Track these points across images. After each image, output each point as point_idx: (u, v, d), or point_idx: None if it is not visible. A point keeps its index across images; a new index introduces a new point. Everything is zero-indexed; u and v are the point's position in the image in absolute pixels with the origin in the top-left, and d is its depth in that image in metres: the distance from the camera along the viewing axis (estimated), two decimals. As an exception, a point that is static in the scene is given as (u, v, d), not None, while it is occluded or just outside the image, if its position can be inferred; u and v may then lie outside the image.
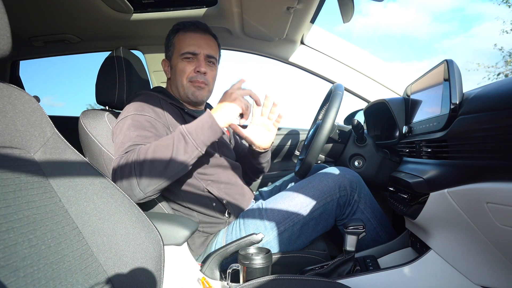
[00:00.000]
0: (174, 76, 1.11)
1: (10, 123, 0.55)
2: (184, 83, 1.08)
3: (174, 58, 1.10)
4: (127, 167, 0.83)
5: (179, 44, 1.08)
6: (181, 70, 1.07)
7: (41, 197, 0.56)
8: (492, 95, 0.62)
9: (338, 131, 1.23)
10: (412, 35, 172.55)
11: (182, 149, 0.84)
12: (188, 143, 0.85)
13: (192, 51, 1.06)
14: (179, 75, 1.08)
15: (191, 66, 1.07)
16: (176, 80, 1.10)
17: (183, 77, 1.08)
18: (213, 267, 0.89)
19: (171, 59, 1.11)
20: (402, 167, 1.02)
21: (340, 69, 1.46)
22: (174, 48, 1.09)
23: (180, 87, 1.09)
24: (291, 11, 1.14)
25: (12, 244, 0.47)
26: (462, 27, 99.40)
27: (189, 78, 1.08)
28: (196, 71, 1.07)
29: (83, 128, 1.01)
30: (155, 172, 0.82)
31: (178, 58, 1.08)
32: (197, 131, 0.86)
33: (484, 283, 0.76)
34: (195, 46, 1.07)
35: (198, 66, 1.07)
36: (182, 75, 1.08)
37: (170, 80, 1.14)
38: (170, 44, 1.11)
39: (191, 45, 1.06)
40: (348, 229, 0.87)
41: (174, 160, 0.83)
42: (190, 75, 1.07)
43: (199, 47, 1.07)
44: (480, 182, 0.60)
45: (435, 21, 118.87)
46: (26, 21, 1.39)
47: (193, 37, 1.08)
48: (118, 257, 0.61)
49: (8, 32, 0.54)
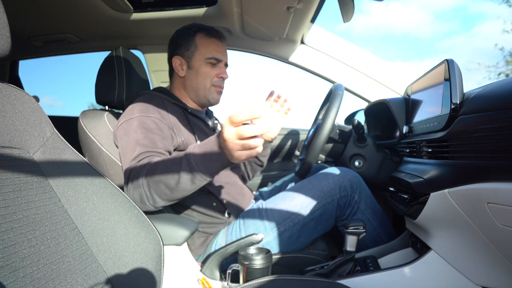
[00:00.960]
0: (194, 77, 1.11)
1: (9, 123, 0.55)
2: (207, 86, 1.11)
3: (196, 60, 1.10)
4: (137, 181, 0.82)
5: (204, 47, 1.09)
6: (206, 74, 1.10)
7: (40, 197, 0.55)
8: (492, 95, 0.62)
9: (338, 131, 1.23)
10: (413, 34, 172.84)
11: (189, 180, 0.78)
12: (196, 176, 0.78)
13: (218, 57, 1.10)
14: (203, 78, 1.10)
15: (214, 71, 1.10)
16: (198, 81, 1.11)
17: (207, 80, 1.10)
18: (213, 267, 0.89)
19: (190, 59, 1.10)
20: (402, 167, 1.02)
21: (340, 68, 1.46)
22: (197, 50, 1.09)
23: (201, 89, 1.11)
24: (291, 11, 1.14)
25: (12, 244, 0.47)
26: (464, 26, 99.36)
27: (213, 82, 1.11)
28: (220, 76, 1.11)
29: (83, 128, 1.01)
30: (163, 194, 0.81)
31: (202, 60, 1.09)
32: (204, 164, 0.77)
33: (485, 283, 0.76)
34: (220, 53, 1.11)
35: (222, 73, 1.12)
36: (206, 79, 1.10)
37: (183, 79, 1.13)
38: (191, 44, 1.10)
39: (217, 52, 1.10)
40: (348, 229, 0.87)
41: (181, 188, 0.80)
42: (214, 80, 1.11)
43: (223, 55, 1.12)
44: (481, 182, 0.60)
45: (437, 20, 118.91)
46: (25, 20, 1.38)
47: (217, 43, 1.12)
48: (118, 257, 0.61)
49: (7, 32, 0.54)
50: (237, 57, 2.17)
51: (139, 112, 0.97)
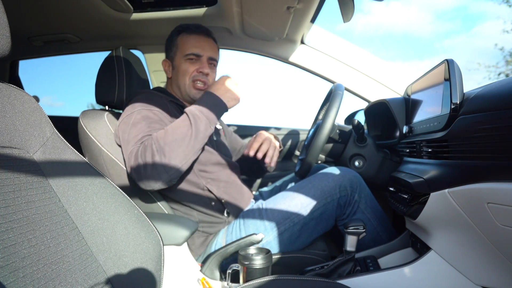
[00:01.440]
0: (176, 76, 1.13)
1: (9, 123, 0.55)
2: (186, 82, 1.11)
3: (177, 59, 1.12)
4: (148, 153, 0.85)
5: (182, 45, 1.10)
6: (184, 70, 1.10)
7: (40, 197, 0.55)
8: (492, 95, 0.62)
9: (338, 131, 1.23)
10: (414, 34, 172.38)
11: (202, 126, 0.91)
12: (202, 120, 0.92)
13: (196, 52, 1.09)
14: (182, 75, 1.11)
15: (194, 66, 1.10)
16: (178, 79, 1.12)
17: (186, 77, 1.10)
18: (213, 267, 0.89)
19: (173, 60, 1.13)
20: (402, 167, 1.02)
21: (340, 68, 1.46)
22: (177, 49, 1.11)
23: (182, 86, 1.12)
24: (291, 11, 1.14)
25: (12, 244, 0.47)
26: (465, 26, 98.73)
27: (192, 77, 1.10)
28: (199, 71, 1.10)
29: (83, 128, 1.01)
30: (178, 153, 0.86)
31: (182, 58, 1.10)
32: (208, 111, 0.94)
33: (485, 283, 0.76)
34: (199, 48, 1.10)
35: (202, 67, 1.10)
36: (185, 75, 1.10)
37: (171, 79, 1.16)
38: (173, 45, 1.12)
39: (195, 47, 1.09)
40: (348, 229, 0.87)
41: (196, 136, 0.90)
42: (192, 75, 1.10)
43: (203, 50, 1.10)
44: (481, 182, 0.60)
45: (438, 20, 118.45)
46: (25, 20, 1.38)
47: (197, 39, 1.11)
48: (118, 257, 0.61)
49: (7, 32, 0.54)
50: (237, 57, 2.17)
51: (140, 106, 0.99)
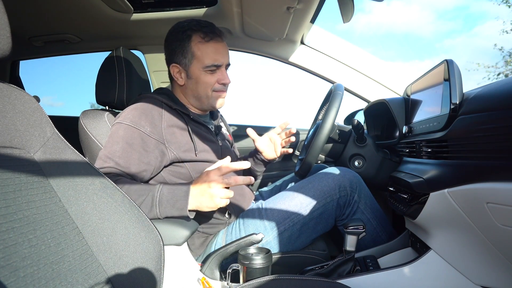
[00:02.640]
0: (194, 86, 1.06)
1: (10, 123, 0.55)
2: (209, 94, 1.06)
3: (194, 69, 1.03)
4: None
5: (201, 55, 1.02)
6: (206, 82, 1.04)
7: (41, 197, 0.56)
8: (492, 95, 0.62)
9: (338, 131, 1.23)
10: (415, 33, 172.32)
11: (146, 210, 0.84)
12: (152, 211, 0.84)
13: (218, 63, 1.03)
14: (203, 86, 1.05)
15: (214, 77, 1.04)
16: (199, 91, 1.06)
17: (208, 89, 1.05)
18: (213, 267, 0.89)
19: (188, 68, 1.04)
20: (402, 167, 1.02)
21: (340, 69, 1.46)
22: (194, 58, 1.02)
23: (204, 98, 1.07)
24: (291, 11, 1.14)
25: (12, 244, 0.47)
26: (466, 25, 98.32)
27: (214, 88, 1.06)
28: (221, 83, 1.06)
29: (83, 128, 1.01)
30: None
31: (201, 69, 1.03)
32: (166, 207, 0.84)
33: (484, 283, 0.76)
34: (219, 56, 1.04)
35: (223, 78, 1.05)
36: (207, 87, 1.05)
37: (184, 87, 1.08)
38: (187, 52, 1.03)
39: (215, 59, 1.03)
40: (348, 229, 0.87)
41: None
42: (215, 86, 1.06)
43: (223, 58, 1.04)
44: (480, 182, 0.60)
45: (439, 19, 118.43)
46: (26, 21, 1.39)
47: (215, 47, 1.03)
48: (118, 257, 0.61)
49: (8, 32, 0.54)
50: (237, 57, 2.17)
51: (130, 121, 0.94)
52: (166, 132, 0.98)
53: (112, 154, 0.90)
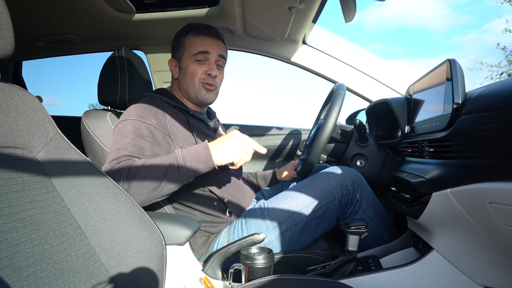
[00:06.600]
0: (183, 77, 1.11)
1: (12, 123, 0.56)
2: (195, 84, 1.09)
3: (184, 60, 1.10)
4: (117, 177, 0.83)
5: (190, 46, 1.09)
6: (193, 72, 1.09)
7: (43, 196, 0.56)
8: (495, 95, 0.62)
9: (340, 131, 1.23)
10: (427, 28, 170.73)
11: (173, 177, 0.84)
12: (181, 172, 0.85)
13: (203, 50, 1.07)
14: (190, 76, 1.09)
15: (202, 68, 1.09)
16: (186, 81, 1.10)
17: (195, 79, 1.09)
18: (215, 266, 0.89)
19: (180, 60, 1.11)
20: (404, 167, 1.02)
21: (342, 68, 1.46)
22: (185, 50, 1.10)
23: (191, 88, 1.10)
24: (293, 11, 1.14)
25: (15, 243, 0.47)
26: (478, 22, 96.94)
27: (200, 79, 1.09)
28: (207, 73, 1.09)
29: (86, 128, 1.01)
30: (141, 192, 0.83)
31: (189, 59, 1.08)
32: (191, 163, 0.86)
33: (487, 283, 0.76)
34: (207, 47, 1.08)
35: (210, 69, 1.09)
36: (194, 77, 1.09)
37: (178, 80, 1.14)
38: (180, 45, 1.11)
39: (202, 46, 1.08)
40: (350, 229, 0.87)
41: (164, 185, 0.84)
42: (201, 77, 1.09)
43: (211, 49, 1.09)
44: (483, 182, 0.60)
45: (453, 13, 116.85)
46: (28, 21, 1.39)
47: (205, 39, 1.09)
48: (121, 257, 0.61)
49: (11, 33, 0.54)
50: (239, 57, 2.17)
51: (135, 115, 0.97)
52: (171, 125, 1.01)
53: (123, 147, 0.91)
